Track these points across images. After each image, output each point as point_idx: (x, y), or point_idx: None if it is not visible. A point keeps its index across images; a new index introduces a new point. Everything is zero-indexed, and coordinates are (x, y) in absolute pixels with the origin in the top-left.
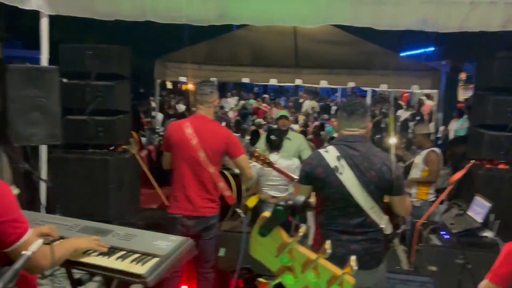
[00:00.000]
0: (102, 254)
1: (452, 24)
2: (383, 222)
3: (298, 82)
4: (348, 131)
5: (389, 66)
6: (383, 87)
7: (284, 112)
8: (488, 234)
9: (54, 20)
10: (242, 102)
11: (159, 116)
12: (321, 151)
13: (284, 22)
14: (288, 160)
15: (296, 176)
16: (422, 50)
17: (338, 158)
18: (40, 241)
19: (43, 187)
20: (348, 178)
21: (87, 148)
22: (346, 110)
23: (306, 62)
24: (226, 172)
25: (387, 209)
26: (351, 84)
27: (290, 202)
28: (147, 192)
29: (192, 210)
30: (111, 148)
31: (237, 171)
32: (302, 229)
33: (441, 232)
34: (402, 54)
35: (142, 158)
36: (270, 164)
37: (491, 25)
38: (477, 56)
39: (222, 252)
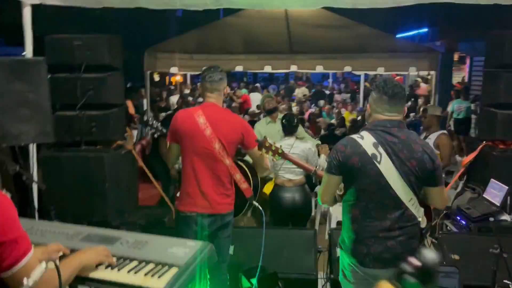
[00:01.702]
0: (111, 266)
1: None
2: (420, 215)
3: (294, 68)
4: (387, 116)
5: (385, 49)
6: (380, 71)
7: (266, 94)
8: (506, 217)
9: (37, 14)
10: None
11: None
12: (355, 137)
13: (283, 5)
14: (304, 143)
15: (311, 166)
16: (415, 32)
17: (375, 145)
18: (42, 267)
19: (34, 189)
20: (387, 168)
21: (79, 145)
22: (387, 93)
23: (301, 48)
24: (241, 163)
25: (422, 201)
26: (348, 69)
27: (416, 263)
28: (143, 188)
29: (208, 207)
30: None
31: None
32: None
33: (457, 217)
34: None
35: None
36: (283, 155)
37: None
38: (480, 34)
39: (231, 250)
